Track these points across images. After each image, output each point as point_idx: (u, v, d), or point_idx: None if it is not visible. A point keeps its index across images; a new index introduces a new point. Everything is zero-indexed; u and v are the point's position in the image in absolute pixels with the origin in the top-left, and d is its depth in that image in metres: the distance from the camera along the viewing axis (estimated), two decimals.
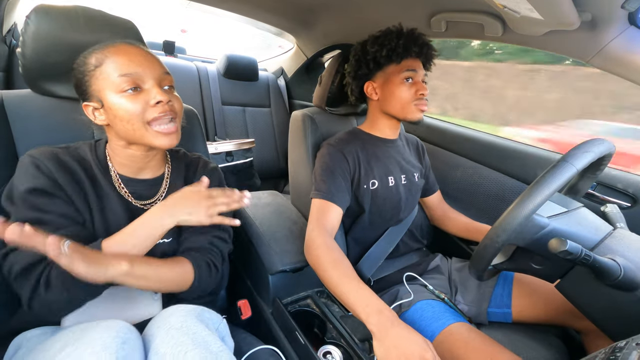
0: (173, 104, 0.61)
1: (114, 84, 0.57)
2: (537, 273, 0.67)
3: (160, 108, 0.58)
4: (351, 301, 0.64)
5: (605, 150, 0.65)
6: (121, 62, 0.57)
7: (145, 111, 0.58)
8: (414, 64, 0.90)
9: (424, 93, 0.90)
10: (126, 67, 0.57)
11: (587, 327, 0.78)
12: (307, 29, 1.64)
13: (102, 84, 0.57)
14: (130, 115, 0.57)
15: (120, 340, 0.45)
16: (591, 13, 0.70)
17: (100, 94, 0.58)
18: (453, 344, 0.72)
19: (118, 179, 0.65)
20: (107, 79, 0.57)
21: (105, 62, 0.57)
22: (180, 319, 0.51)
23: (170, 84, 0.63)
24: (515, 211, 0.57)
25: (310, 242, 0.77)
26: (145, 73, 0.58)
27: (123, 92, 0.57)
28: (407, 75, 0.90)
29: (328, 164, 0.90)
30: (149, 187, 0.68)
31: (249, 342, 0.71)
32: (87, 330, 0.46)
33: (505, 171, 1.17)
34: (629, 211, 0.91)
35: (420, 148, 1.11)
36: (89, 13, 0.68)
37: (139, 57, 0.59)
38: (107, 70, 0.57)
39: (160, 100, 0.58)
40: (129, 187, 0.66)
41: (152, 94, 0.58)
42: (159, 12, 2.99)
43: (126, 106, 0.57)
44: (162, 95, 0.58)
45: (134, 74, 0.57)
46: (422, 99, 0.90)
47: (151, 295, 0.65)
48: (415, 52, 0.89)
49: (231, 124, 1.96)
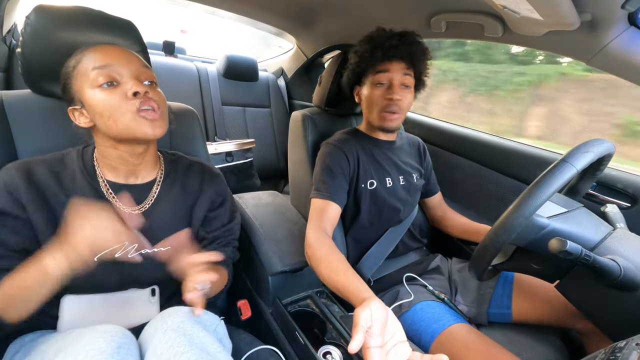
0: (152, 97, 0.59)
1: (89, 79, 0.56)
2: (537, 273, 0.68)
3: (139, 100, 0.56)
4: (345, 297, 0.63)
5: (605, 150, 0.65)
6: (95, 57, 0.57)
7: (123, 103, 0.56)
8: (387, 66, 0.87)
9: (393, 97, 0.86)
10: (100, 60, 0.56)
11: (587, 327, 0.78)
12: (307, 29, 1.64)
13: (80, 82, 0.57)
14: (110, 109, 0.55)
15: (116, 344, 0.45)
16: (591, 13, 0.70)
17: (80, 93, 0.57)
18: (453, 345, 0.72)
19: (106, 185, 0.63)
20: (84, 75, 0.56)
21: (82, 60, 0.57)
22: (177, 321, 0.51)
23: (150, 78, 0.61)
24: (515, 211, 0.57)
25: (308, 241, 0.78)
26: (120, 66, 0.57)
27: (99, 86, 0.55)
28: (379, 78, 0.88)
29: (327, 163, 0.90)
30: (139, 193, 0.66)
31: (249, 342, 0.71)
32: (83, 335, 0.46)
33: (506, 171, 1.17)
34: (628, 211, 0.91)
35: (422, 149, 1.11)
36: (89, 13, 0.68)
37: (114, 52, 0.58)
38: (83, 67, 0.56)
39: (137, 91, 0.56)
40: (117, 193, 0.63)
41: (128, 85, 0.56)
42: (159, 12, 2.99)
43: (104, 101, 0.55)
44: (140, 87, 0.56)
45: (108, 66, 0.56)
46: (391, 105, 0.87)
47: (148, 298, 0.65)
48: (380, 55, 0.87)
49: (231, 124, 1.96)
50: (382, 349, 0.48)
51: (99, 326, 0.48)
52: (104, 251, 0.59)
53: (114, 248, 0.59)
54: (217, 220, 0.74)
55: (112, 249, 0.59)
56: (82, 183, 0.61)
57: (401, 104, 0.87)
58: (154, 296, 0.65)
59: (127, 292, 0.64)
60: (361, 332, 0.46)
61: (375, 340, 0.47)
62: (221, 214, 0.75)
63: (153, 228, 0.64)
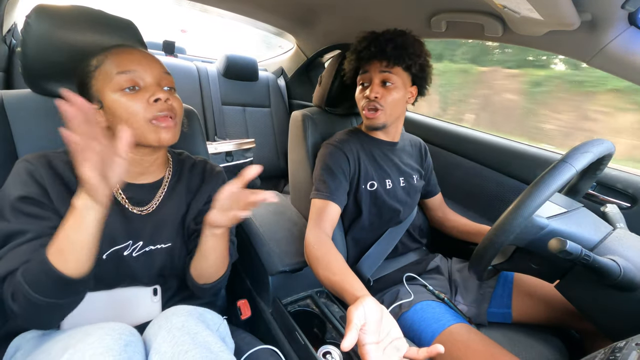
0: (172, 104, 0.60)
1: (112, 82, 0.56)
2: (537, 273, 0.68)
3: (160, 106, 0.58)
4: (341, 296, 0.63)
5: (604, 150, 0.65)
6: (120, 61, 0.57)
7: (144, 110, 0.57)
8: (365, 67, 0.91)
9: (368, 96, 0.88)
10: (124, 65, 0.57)
11: (586, 327, 0.78)
12: (307, 29, 1.64)
13: (102, 83, 0.57)
14: (129, 114, 0.56)
15: (123, 342, 0.45)
16: (591, 13, 0.70)
17: (100, 94, 0.58)
18: (453, 345, 0.72)
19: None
20: (106, 77, 0.57)
21: (105, 62, 0.58)
22: (181, 319, 0.52)
23: (170, 84, 0.62)
24: (515, 211, 0.57)
25: (307, 242, 0.78)
26: (144, 71, 0.58)
27: (121, 90, 0.56)
28: (361, 79, 0.93)
29: (328, 164, 0.90)
30: (148, 192, 0.67)
31: (249, 342, 0.71)
32: (89, 332, 0.46)
33: (506, 171, 1.17)
34: (628, 211, 0.91)
35: (423, 150, 1.11)
36: (89, 13, 0.68)
37: (138, 57, 0.59)
38: (106, 69, 0.57)
39: (159, 97, 0.57)
40: (127, 192, 0.64)
41: (150, 91, 0.58)
42: (159, 12, 2.99)
43: (125, 105, 0.56)
44: (161, 93, 0.58)
45: (132, 71, 0.57)
46: (370, 102, 0.89)
47: (150, 298, 0.65)
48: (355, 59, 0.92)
49: (231, 124, 1.95)
50: (378, 346, 0.48)
51: (106, 323, 0.48)
52: (111, 249, 0.60)
53: (120, 246, 0.61)
54: None
55: (119, 247, 0.61)
56: None
57: (382, 102, 0.88)
58: (155, 296, 0.66)
59: (130, 291, 0.64)
60: (354, 329, 0.46)
61: (370, 337, 0.47)
62: None
63: (158, 226, 0.65)
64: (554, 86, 1.77)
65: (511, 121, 1.90)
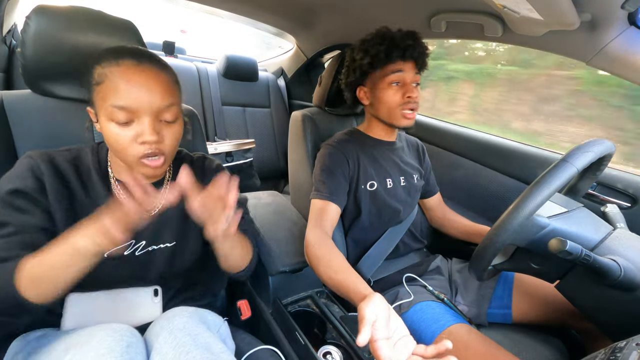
0: (161, 145, 0.56)
1: (107, 111, 0.54)
2: (537, 273, 0.67)
3: (147, 148, 0.55)
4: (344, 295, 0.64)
5: (605, 150, 0.65)
6: (118, 91, 0.53)
7: (131, 147, 0.54)
8: (400, 66, 0.88)
9: (412, 96, 0.87)
10: (121, 97, 0.52)
11: (587, 327, 0.78)
12: (307, 29, 1.64)
13: (99, 104, 0.55)
14: (118, 148, 0.55)
15: (125, 343, 0.45)
16: (591, 13, 0.70)
17: (97, 109, 0.56)
18: (453, 345, 0.71)
19: (117, 185, 0.63)
20: (102, 101, 0.54)
21: (105, 82, 0.54)
22: (183, 320, 0.52)
23: (172, 118, 0.58)
24: (515, 211, 0.57)
25: (307, 241, 0.78)
26: (141, 106, 0.53)
27: (114, 121, 0.54)
28: (393, 78, 0.88)
29: (327, 165, 0.90)
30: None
31: (249, 342, 0.71)
32: (92, 333, 0.46)
33: (506, 171, 1.17)
34: (629, 211, 0.91)
35: (421, 150, 1.11)
36: (88, 13, 0.68)
37: (138, 86, 0.53)
38: (103, 93, 0.54)
39: (146, 141, 0.54)
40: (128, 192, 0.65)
41: (141, 127, 0.54)
42: (159, 12, 2.99)
43: (116, 137, 0.54)
44: (152, 135, 0.54)
45: (128, 107, 0.53)
46: (410, 103, 0.88)
47: (151, 299, 0.65)
48: (398, 56, 0.87)
49: (231, 124, 1.95)
50: (388, 342, 0.48)
51: (108, 325, 0.48)
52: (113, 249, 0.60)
53: (122, 246, 0.61)
54: None
55: (121, 246, 0.61)
56: (96, 180, 0.62)
57: (417, 102, 0.89)
58: (156, 296, 0.66)
59: (131, 292, 0.64)
60: (368, 325, 0.47)
61: (381, 333, 0.48)
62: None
63: (161, 225, 0.65)
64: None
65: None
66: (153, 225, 0.65)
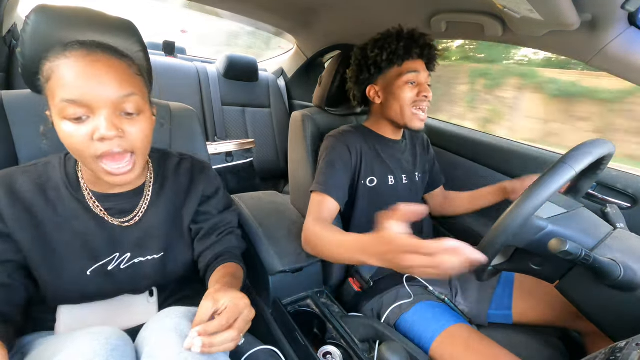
0: (124, 142, 0.50)
1: (57, 108, 0.47)
2: (537, 274, 0.67)
3: (107, 145, 0.48)
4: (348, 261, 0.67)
5: (604, 151, 0.64)
6: (67, 83, 0.47)
7: (88, 147, 0.48)
8: (416, 65, 0.89)
9: (427, 95, 0.88)
10: (71, 90, 0.46)
11: (587, 328, 0.78)
12: (307, 29, 1.64)
13: (50, 102, 0.49)
14: (74, 149, 0.49)
15: (110, 347, 0.44)
16: (591, 14, 0.70)
17: (50, 111, 0.50)
18: (453, 345, 0.72)
19: (91, 197, 0.58)
20: (52, 99, 0.48)
21: (52, 77, 0.48)
22: (175, 321, 0.51)
23: (134, 110, 0.50)
24: (515, 212, 0.57)
25: (304, 229, 0.80)
26: (94, 98, 0.47)
27: (66, 118, 0.47)
28: (410, 78, 0.88)
29: (330, 157, 0.90)
30: (129, 200, 0.61)
31: (249, 342, 0.71)
32: (77, 337, 0.45)
33: (506, 172, 1.17)
34: (629, 211, 0.91)
35: (426, 143, 1.12)
36: (88, 13, 0.68)
37: (90, 76, 0.47)
38: (52, 89, 0.48)
39: (103, 136, 0.47)
40: (105, 203, 0.59)
41: (96, 122, 0.47)
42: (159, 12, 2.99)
43: (70, 136, 0.48)
44: (109, 130, 0.47)
45: (79, 101, 0.46)
46: (424, 102, 0.89)
47: (147, 299, 0.65)
48: (416, 53, 0.88)
49: (231, 124, 1.96)
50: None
51: (94, 328, 0.47)
52: (95, 265, 0.58)
53: (105, 261, 0.59)
54: (211, 208, 0.70)
55: (104, 262, 0.59)
56: (67, 196, 0.57)
57: (430, 101, 0.90)
58: (152, 297, 0.65)
59: (125, 295, 0.64)
60: (453, 242, 0.48)
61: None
62: (214, 204, 0.71)
63: (146, 236, 0.62)
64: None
65: None
66: (136, 237, 0.61)
